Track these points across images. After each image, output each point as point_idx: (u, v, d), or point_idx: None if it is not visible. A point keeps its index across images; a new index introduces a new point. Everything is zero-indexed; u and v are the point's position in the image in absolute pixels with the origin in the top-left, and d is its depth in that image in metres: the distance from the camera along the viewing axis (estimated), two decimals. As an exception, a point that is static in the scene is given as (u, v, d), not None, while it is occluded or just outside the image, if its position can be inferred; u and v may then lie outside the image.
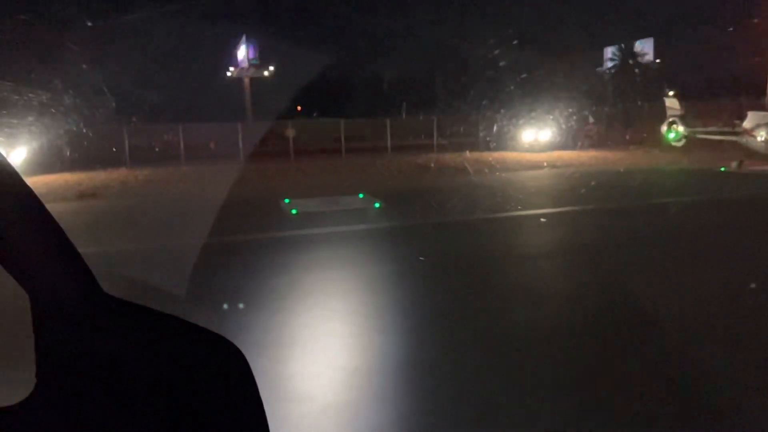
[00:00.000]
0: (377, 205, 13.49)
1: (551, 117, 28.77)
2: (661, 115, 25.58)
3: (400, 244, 9.67)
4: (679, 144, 21.73)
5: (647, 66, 42.62)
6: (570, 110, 29.26)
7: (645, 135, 27.34)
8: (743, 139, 18.63)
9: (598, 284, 7.09)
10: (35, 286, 0.96)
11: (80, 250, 0.96)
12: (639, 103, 35.62)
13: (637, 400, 4.11)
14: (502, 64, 29.96)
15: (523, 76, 30.19)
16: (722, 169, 18.61)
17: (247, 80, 44.94)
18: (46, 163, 21.65)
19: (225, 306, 6.19)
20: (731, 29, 39.44)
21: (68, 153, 24.77)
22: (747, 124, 18.70)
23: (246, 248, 9.30)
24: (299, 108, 40.44)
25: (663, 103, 23.71)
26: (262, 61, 44.54)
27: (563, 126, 28.78)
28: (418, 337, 5.43)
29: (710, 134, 20.87)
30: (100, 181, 20.22)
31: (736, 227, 10.36)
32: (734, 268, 7.48)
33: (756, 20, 34.74)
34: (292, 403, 4.13)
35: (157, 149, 27.95)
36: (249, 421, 1.13)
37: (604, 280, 7.23)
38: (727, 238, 9.46)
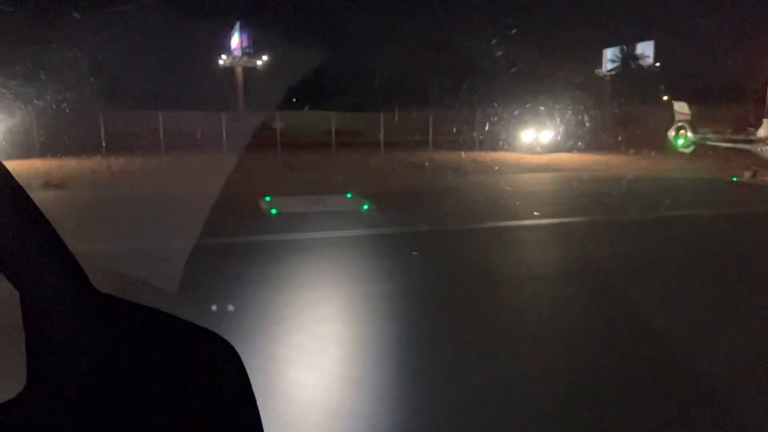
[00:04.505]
0: (366, 207, 12.25)
1: (551, 118, 27.68)
2: (664, 119, 24.52)
3: (387, 256, 8.43)
4: (687, 150, 20.64)
5: (648, 69, 41.69)
6: (571, 112, 28.18)
7: (648, 139, 26.27)
8: (758, 148, 17.55)
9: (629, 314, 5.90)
10: (26, 283, 0.95)
11: None
12: (641, 106, 34.59)
13: None
14: (499, 56, 28.79)
15: (516, 68, 29.09)
16: (734, 179, 17.54)
17: (239, 69, 43.46)
18: (16, 149, 20.38)
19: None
20: (733, 34, 38.54)
21: (42, 138, 23.35)
22: (762, 132, 17.62)
23: (209, 254, 8.00)
24: (294, 99, 39.05)
25: (670, 107, 22.62)
26: (255, 50, 43.08)
27: (563, 128, 27.69)
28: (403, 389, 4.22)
29: (721, 141, 19.75)
30: (70, 170, 18.89)
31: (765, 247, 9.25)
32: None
33: (758, 25, 33.86)
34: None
35: (136, 137, 26.42)
36: (242, 416, 1.10)
37: (635, 311, 6.04)
38: (762, 259, 8.32)
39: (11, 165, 0.96)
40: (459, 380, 4.38)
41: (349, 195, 13.65)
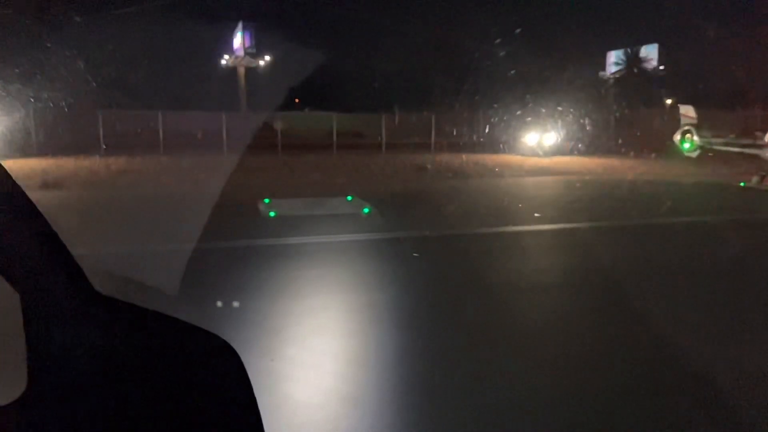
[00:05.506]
0: (367, 210, 12.00)
1: (554, 121, 27.43)
2: (669, 123, 24.22)
3: (388, 262, 8.17)
4: (693, 155, 20.36)
5: (652, 72, 41.37)
6: (574, 115, 27.92)
7: (653, 143, 25.99)
8: (766, 153, 17.29)
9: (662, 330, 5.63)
10: (26, 285, 0.94)
11: None
12: (646, 110, 34.29)
13: None
14: (501, 58, 28.56)
15: (518, 70, 28.89)
16: (742, 184, 17.25)
17: (241, 70, 43.21)
18: (13, 148, 20.18)
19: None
20: (739, 37, 38.28)
21: (39, 137, 23.13)
22: (772, 137, 17.38)
23: (206, 258, 7.74)
24: (296, 100, 38.83)
25: (676, 110, 22.36)
26: (257, 51, 42.84)
27: (566, 131, 27.42)
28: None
29: (728, 146, 19.45)
30: (68, 170, 18.71)
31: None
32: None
33: (764, 29, 33.57)
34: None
35: (136, 138, 26.17)
36: (243, 416, 1.10)
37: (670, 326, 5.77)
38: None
39: (9, 165, 0.89)
40: (463, 399, 4.11)
41: (349, 198, 13.41)
